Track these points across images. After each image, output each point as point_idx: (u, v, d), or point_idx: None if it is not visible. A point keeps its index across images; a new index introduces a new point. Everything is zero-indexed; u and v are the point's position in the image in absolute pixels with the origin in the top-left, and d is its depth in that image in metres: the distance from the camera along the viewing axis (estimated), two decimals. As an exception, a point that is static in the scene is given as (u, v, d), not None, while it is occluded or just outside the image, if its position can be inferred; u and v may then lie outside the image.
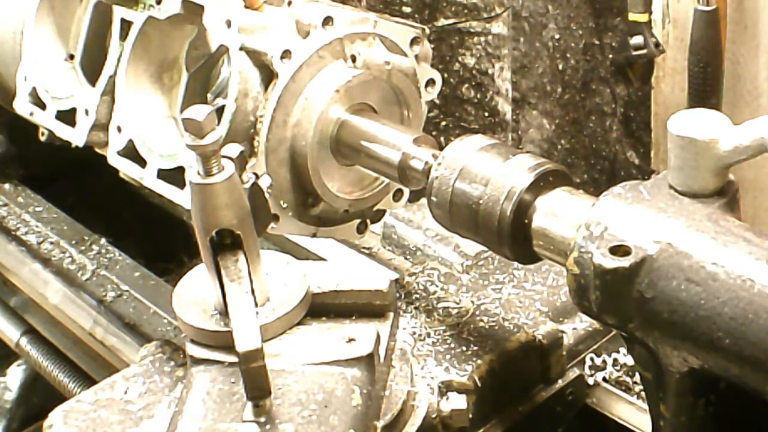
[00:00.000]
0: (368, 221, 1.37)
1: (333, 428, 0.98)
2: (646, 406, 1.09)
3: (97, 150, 1.42)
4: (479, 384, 1.18)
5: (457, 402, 1.16)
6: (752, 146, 0.95)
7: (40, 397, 1.97)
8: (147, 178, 1.31)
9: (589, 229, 0.98)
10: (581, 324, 1.35)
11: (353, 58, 1.27)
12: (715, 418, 1.00)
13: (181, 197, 1.27)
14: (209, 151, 1.02)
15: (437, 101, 3.08)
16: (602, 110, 3.18)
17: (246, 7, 1.27)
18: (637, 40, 2.89)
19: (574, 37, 3.10)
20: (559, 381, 1.27)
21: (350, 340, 1.06)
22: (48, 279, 1.67)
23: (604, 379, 1.33)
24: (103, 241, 1.74)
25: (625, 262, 0.94)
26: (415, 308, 1.29)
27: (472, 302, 1.30)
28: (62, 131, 1.45)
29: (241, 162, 1.08)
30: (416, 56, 1.32)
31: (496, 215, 1.09)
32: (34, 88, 1.49)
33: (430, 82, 1.35)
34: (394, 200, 1.37)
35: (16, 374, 2.02)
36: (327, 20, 1.23)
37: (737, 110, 2.77)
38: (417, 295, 1.32)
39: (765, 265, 0.90)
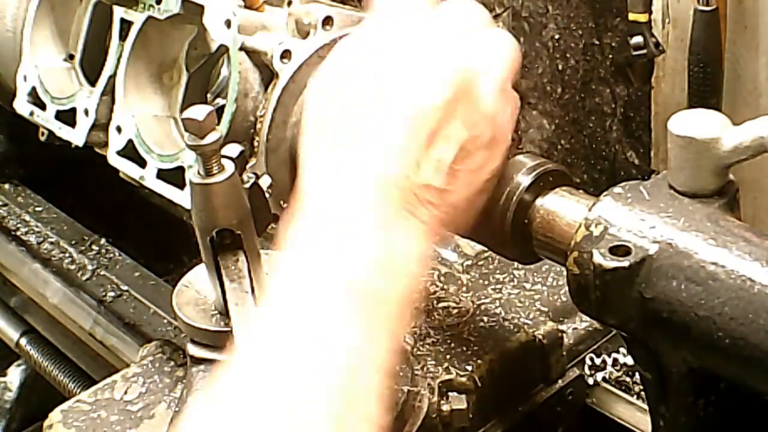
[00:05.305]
0: (368, 221, 1.36)
1: (333, 428, 0.98)
2: (646, 406, 1.09)
3: (97, 150, 1.42)
4: (479, 384, 1.18)
5: (457, 402, 1.16)
6: (752, 146, 0.95)
7: (40, 397, 1.97)
8: (147, 178, 1.31)
9: (589, 229, 0.98)
10: (581, 324, 1.35)
11: (353, 58, 1.26)
12: (715, 418, 1.00)
13: (181, 197, 1.26)
14: (209, 151, 1.02)
15: (437, 101, 3.06)
16: (602, 110, 3.18)
17: (246, 7, 1.27)
18: (637, 40, 2.88)
19: (574, 37, 3.10)
20: (559, 381, 1.27)
21: (350, 340, 1.05)
22: (48, 279, 1.67)
23: (604, 379, 1.33)
24: (103, 241, 1.74)
25: (625, 262, 0.94)
26: (415, 308, 1.29)
27: (472, 302, 1.30)
28: (62, 131, 1.45)
29: (241, 162, 1.08)
30: (416, 56, 1.32)
31: (496, 216, 1.09)
32: (33, 88, 1.49)
33: (430, 82, 1.34)
34: (394, 200, 1.37)
35: (16, 374, 2.02)
36: (327, 20, 1.23)
37: (737, 110, 2.76)
38: (417, 295, 1.31)
39: (765, 265, 0.89)
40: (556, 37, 3.10)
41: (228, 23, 1.22)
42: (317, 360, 0.81)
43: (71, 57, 1.50)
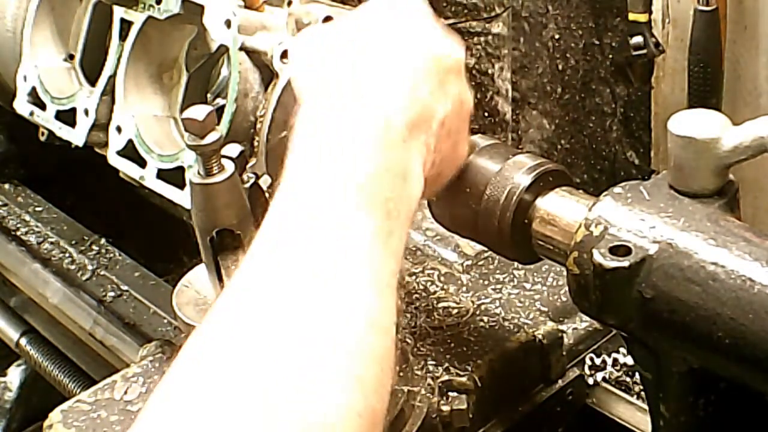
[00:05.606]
0: (368, 221, 1.36)
1: (333, 428, 0.98)
2: (646, 406, 1.09)
3: (97, 150, 1.42)
4: (479, 384, 1.18)
5: (457, 402, 1.16)
6: (752, 146, 0.95)
7: (40, 397, 1.97)
8: (147, 178, 1.31)
9: (589, 229, 0.98)
10: (581, 324, 1.35)
11: (353, 58, 1.26)
12: (715, 418, 1.00)
13: (181, 197, 1.27)
14: (209, 151, 1.02)
15: (437, 101, 3.06)
16: (602, 110, 3.18)
17: (246, 7, 1.27)
18: (637, 40, 2.88)
19: (574, 37, 3.10)
20: (559, 381, 1.27)
21: (350, 340, 1.05)
22: (48, 279, 1.67)
23: (604, 379, 1.33)
24: (103, 241, 1.74)
25: (625, 262, 0.94)
26: (415, 308, 1.29)
27: (472, 302, 1.30)
28: (62, 131, 1.45)
29: (241, 162, 1.08)
30: (416, 56, 1.32)
31: (496, 216, 1.09)
32: (33, 88, 1.49)
33: (430, 82, 1.34)
34: (394, 200, 1.36)
35: (16, 374, 2.02)
36: (327, 20, 1.23)
37: (737, 110, 2.76)
38: (417, 295, 1.32)
39: (765, 265, 0.90)
40: (556, 37, 3.10)
41: (228, 23, 1.22)
42: (338, 247, 0.83)
43: (71, 57, 1.50)
